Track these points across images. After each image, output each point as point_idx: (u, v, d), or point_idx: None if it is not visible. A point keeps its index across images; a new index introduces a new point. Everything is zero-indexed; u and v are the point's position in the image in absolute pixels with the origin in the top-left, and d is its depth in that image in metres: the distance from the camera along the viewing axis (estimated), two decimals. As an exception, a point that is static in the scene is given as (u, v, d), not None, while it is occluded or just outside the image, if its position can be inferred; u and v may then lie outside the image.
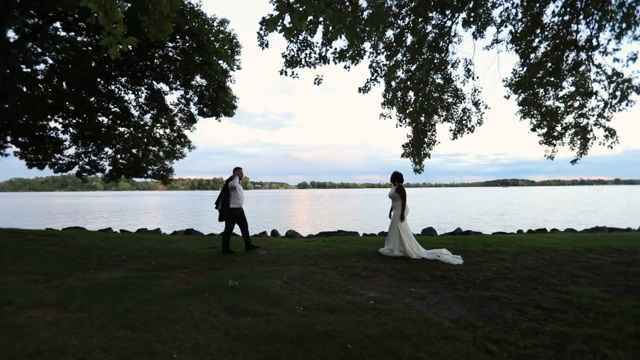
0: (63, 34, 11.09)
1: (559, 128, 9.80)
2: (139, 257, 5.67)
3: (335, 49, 8.15)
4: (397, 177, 6.26)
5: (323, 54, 8.14)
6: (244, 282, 4.06)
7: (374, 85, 8.29)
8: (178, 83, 12.21)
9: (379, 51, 8.74)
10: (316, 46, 8.12)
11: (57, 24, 10.56)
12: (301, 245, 6.98)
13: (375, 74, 8.14)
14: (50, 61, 11.20)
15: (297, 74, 8.41)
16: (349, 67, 8.46)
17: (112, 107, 12.41)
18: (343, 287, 3.98)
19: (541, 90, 9.46)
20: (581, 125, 9.40)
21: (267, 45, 7.91)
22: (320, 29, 7.85)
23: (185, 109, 13.23)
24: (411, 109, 9.75)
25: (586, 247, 6.19)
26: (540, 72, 8.75)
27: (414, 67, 9.06)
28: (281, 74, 8.31)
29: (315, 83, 8.74)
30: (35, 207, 37.82)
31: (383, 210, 29.51)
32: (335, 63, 8.37)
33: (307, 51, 8.11)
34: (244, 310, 3.09)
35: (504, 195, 70.30)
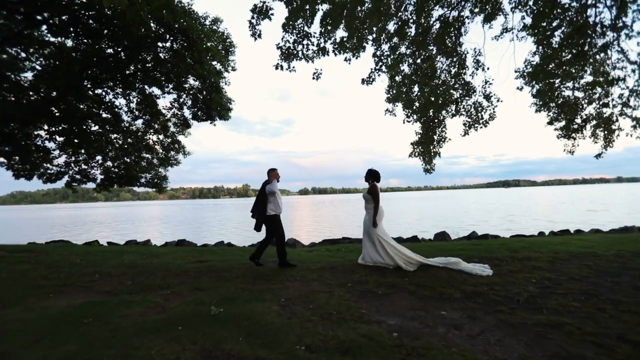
0: (52, 39, 10.45)
1: (578, 120, 9.05)
2: (114, 276, 4.88)
3: (335, 39, 7.47)
4: (372, 175, 5.42)
5: (322, 45, 7.44)
6: (231, 308, 3.26)
7: (379, 75, 7.55)
8: (170, 87, 11.52)
9: (381, 41, 8.05)
10: (314, 36, 7.41)
11: (45, 28, 9.93)
12: (302, 256, 6.18)
13: (380, 63, 7.41)
14: (37, 67, 10.54)
15: (294, 67, 7.71)
16: (349, 59, 7.79)
17: (102, 113, 11.69)
18: (355, 311, 3.17)
19: (557, 81, 8.72)
20: (604, 116, 8.65)
21: (259, 36, 7.19)
22: (318, 17, 7.18)
23: (179, 113, 12.51)
24: (418, 104, 9.06)
25: (632, 251, 5.36)
26: (558, 59, 8.03)
27: (419, 60, 8.36)
28: (277, 68, 7.63)
29: (314, 78, 8.04)
30: (30, 220, 37.11)
31: (389, 215, 28.66)
32: (335, 54, 7.69)
33: (305, 42, 7.40)
34: (225, 354, 2.28)
35: (508, 196, 69.36)
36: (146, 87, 11.56)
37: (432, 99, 8.70)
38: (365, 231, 5.30)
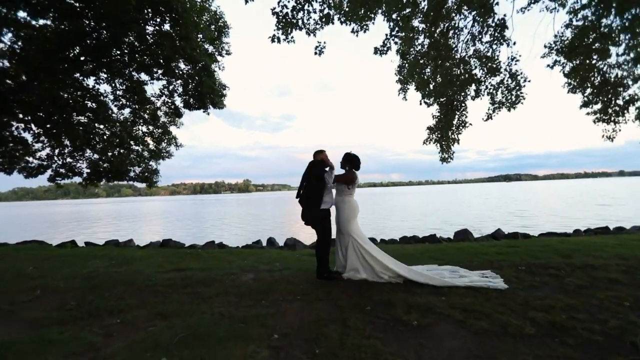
0: (33, 23, 9.25)
1: (620, 101, 7.88)
2: (59, 292, 3.76)
3: (342, 3, 6.33)
4: (348, 160, 4.19)
5: (325, 12, 6.29)
6: (196, 356, 2.14)
7: (394, 43, 6.36)
8: (160, 72, 10.34)
9: (392, 11, 6.84)
10: (316, 1, 6.25)
11: (24, 9, 8.76)
12: (304, 262, 5.06)
13: (397, 28, 6.20)
14: (14, 50, 9.33)
15: (292, 38, 6.57)
16: (357, 31, 6.67)
17: (87, 102, 10.52)
18: (385, 361, 2.05)
19: (596, 56, 7.53)
20: (653, 95, 7.47)
21: (251, -2, 6.04)
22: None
23: (169, 101, 11.36)
24: (433, 85, 7.95)
25: None
26: (600, 29, 6.85)
27: (437, 33, 7.19)
28: (272, 41, 6.50)
29: (316, 53, 6.93)
30: (22, 218, 36.17)
31: (392, 210, 27.53)
32: (342, 22, 6.55)
33: (307, 7, 6.25)
34: None
35: (512, 190, 68.23)
36: (134, 73, 10.41)
37: (449, 77, 7.58)
38: (338, 231, 4.16)
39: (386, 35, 6.16)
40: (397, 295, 3.36)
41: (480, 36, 6.61)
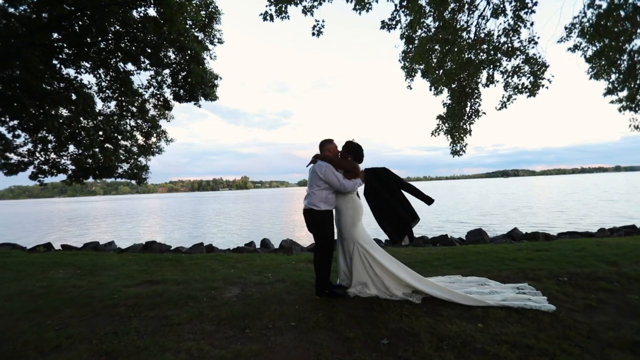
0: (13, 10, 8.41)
1: (652, 86, 7.16)
2: (-9, 317, 2.98)
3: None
4: (350, 150, 3.39)
5: (325, -16, 5.53)
6: None
7: (405, 15, 5.57)
8: (147, 62, 9.52)
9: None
10: (315, -30, 5.49)
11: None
12: (301, 272, 4.29)
13: (405, 1, 5.39)
14: None
15: (287, 14, 5.82)
16: (359, 9, 5.91)
17: (68, 92, 9.67)
18: None
19: (622, 38, 6.77)
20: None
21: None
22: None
23: (158, 93, 10.55)
24: (443, 69, 7.23)
25: None
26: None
27: (446, 13, 6.42)
28: (265, 19, 5.79)
29: (314, 34, 6.24)
30: (12, 216, 35.26)
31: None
32: (343, -3, 5.78)
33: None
34: None
35: (511, 186, 67.87)
36: (120, 64, 9.56)
37: (462, 60, 6.83)
38: (340, 236, 3.38)
39: (395, 6, 5.36)
40: (419, 320, 2.61)
41: (501, 8, 5.81)
